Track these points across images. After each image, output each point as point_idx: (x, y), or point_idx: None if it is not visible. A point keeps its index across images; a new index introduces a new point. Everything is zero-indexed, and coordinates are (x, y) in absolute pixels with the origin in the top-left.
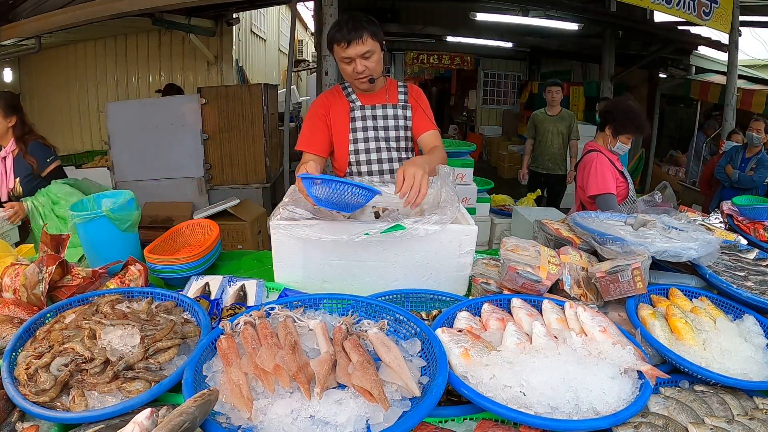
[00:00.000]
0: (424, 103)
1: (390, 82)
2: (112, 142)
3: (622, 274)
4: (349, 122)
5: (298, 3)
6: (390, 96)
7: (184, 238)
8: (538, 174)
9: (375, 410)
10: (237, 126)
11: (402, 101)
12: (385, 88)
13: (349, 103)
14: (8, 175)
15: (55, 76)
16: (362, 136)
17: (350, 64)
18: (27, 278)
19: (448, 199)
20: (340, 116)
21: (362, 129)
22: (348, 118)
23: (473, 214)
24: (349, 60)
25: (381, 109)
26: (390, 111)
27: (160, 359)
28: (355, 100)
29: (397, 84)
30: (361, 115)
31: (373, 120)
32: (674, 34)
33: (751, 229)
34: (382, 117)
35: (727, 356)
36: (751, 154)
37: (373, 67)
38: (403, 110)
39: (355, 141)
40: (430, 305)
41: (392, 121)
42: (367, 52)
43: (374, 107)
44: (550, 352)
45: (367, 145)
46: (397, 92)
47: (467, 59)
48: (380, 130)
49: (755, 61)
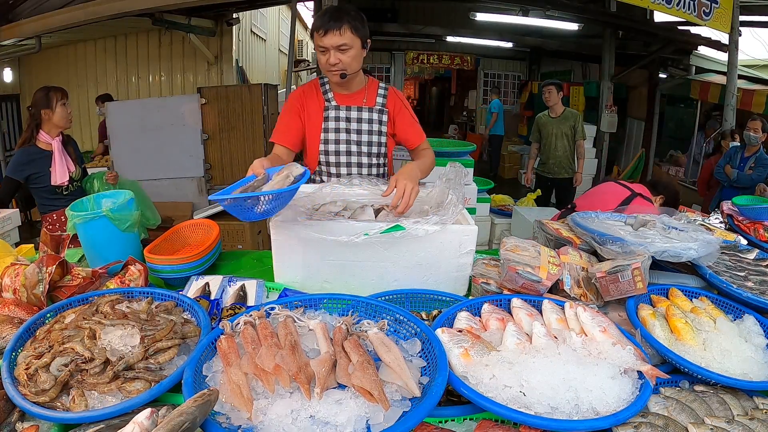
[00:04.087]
0: (406, 106)
1: (371, 83)
2: (112, 142)
3: (622, 274)
4: (322, 121)
5: (298, 3)
6: (368, 98)
7: (184, 238)
8: (545, 178)
9: (375, 410)
10: (237, 126)
11: (380, 105)
12: (365, 89)
13: (324, 102)
14: (68, 160)
15: (55, 76)
16: (333, 137)
17: (324, 54)
18: (27, 278)
19: (454, 200)
20: (314, 113)
21: (334, 130)
22: (321, 116)
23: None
24: (324, 50)
25: (356, 112)
26: (365, 114)
27: (160, 359)
28: (331, 98)
29: (377, 86)
30: (335, 116)
31: (346, 122)
32: (674, 34)
33: (751, 229)
34: (356, 120)
35: (727, 356)
36: (750, 153)
37: (348, 62)
38: (380, 114)
39: (326, 141)
40: (430, 305)
41: (366, 125)
42: (343, 45)
43: (349, 108)
44: (550, 352)
45: (337, 147)
46: (376, 95)
47: (467, 59)
48: (353, 133)
49: (755, 61)
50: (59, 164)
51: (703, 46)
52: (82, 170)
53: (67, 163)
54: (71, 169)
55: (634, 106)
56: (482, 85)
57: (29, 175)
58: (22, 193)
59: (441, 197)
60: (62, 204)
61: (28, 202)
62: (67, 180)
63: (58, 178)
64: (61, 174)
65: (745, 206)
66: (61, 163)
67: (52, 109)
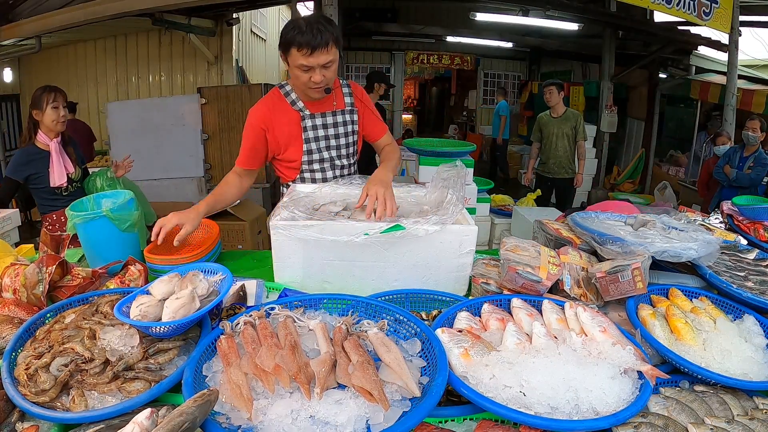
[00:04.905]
0: (369, 103)
1: (334, 85)
2: (112, 142)
3: (622, 274)
4: (301, 132)
5: (298, 3)
6: (337, 101)
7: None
8: (545, 178)
9: (375, 410)
10: (237, 126)
11: (349, 105)
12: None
13: (296, 112)
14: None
15: (55, 76)
16: (315, 146)
17: (308, 72)
18: (27, 278)
19: (453, 199)
20: (287, 125)
21: (314, 139)
22: (298, 127)
23: (473, 214)
24: (308, 68)
25: (331, 117)
26: (339, 118)
27: (160, 359)
28: (302, 108)
29: (340, 84)
30: (312, 125)
31: (324, 129)
32: (674, 34)
33: (751, 229)
34: (333, 125)
35: (727, 356)
36: (749, 153)
37: (330, 77)
38: (351, 115)
39: (309, 152)
40: (430, 305)
41: (342, 128)
42: (329, 62)
43: (324, 115)
44: (550, 352)
45: (320, 154)
46: (343, 95)
47: (467, 59)
48: (332, 139)
49: (755, 61)
50: (56, 166)
51: (703, 46)
52: (83, 171)
53: (65, 164)
54: (70, 170)
55: (634, 106)
56: (482, 85)
57: (28, 176)
58: (22, 193)
59: (440, 197)
60: (62, 204)
61: (28, 202)
62: (66, 182)
63: (56, 180)
64: (59, 176)
65: (745, 206)
66: (58, 164)
67: (42, 111)
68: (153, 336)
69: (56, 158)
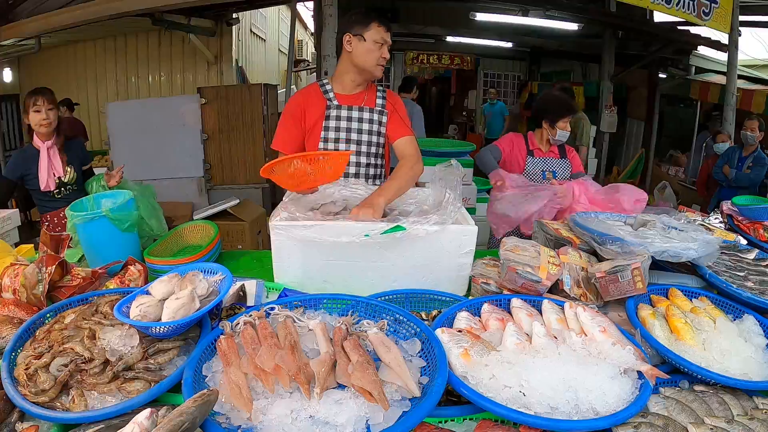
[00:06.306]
0: (402, 110)
1: (370, 86)
2: (112, 142)
3: (622, 274)
4: (323, 120)
5: (298, 3)
6: (368, 99)
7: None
8: None
9: (375, 410)
10: (237, 126)
11: (380, 106)
12: (365, 91)
13: (326, 101)
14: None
15: (55, 76)
16: (333, 136)
17: (381, 48)
18: (27, 278)
19: (451, 198)
20: (316, 114)
21: (334, 129)
22: (323, 116)
23: (473, 214)
24: (382, 44)
25: (357, 112)
26: (366, 115)
27: (160, 360)
28: (332, 98)
29: (376, 88)
30: (336, 115)
31: (347, 121)
32: (674, 34)
33: (751, 229)
34: (357, 120)
35: (727, 356)
36: (748, 152)
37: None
38: (380, 115)
39: (326, 140)
40: (430, 305)
41: (366, 125)
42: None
43: (351, 108)
44: (549, 352)
45: (336, 145)
46: (376, 96)
47: (467, 59)
48: (353, 132)
49: (755, 61)
50: (43, 170)
51: (703, 46)
52: (85, 171)
53: (54, 168)
54: (59, 173)
55: (634, 106)
56: (482, 85)
57: (22, 176)
58: (22, 193)
59: (439, 197)
60: (58, 205)
61: (28, 202)
62: (54, 186)
63: (42, 184)
64: (46, 179)
65: (745, 206)
66: (44, 168)
67: (27, 114)
68: (153, 336)
69: (43, 162)
